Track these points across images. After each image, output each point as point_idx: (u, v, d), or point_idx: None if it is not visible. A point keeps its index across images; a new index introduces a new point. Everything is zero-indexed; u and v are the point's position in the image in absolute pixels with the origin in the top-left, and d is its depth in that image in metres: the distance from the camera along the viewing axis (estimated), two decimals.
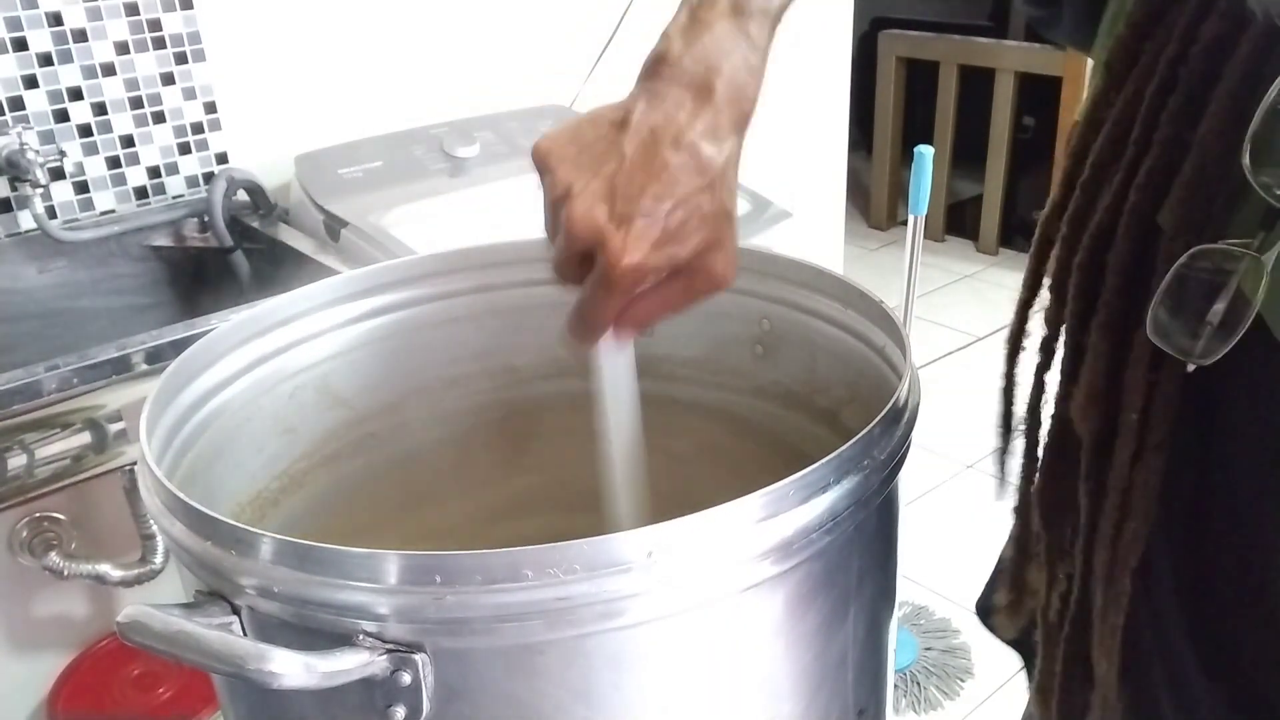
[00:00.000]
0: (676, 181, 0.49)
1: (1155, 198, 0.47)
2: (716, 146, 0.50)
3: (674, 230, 0.49)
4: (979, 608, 0.73)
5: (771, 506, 0.46)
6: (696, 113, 0.50)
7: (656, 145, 0.49)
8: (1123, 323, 0.50)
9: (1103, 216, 0.50)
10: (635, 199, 0.49)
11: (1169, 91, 0.47)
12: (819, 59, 2.14)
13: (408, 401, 0.78)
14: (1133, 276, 0.49)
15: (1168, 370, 0.48)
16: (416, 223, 1.28)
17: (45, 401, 0.93)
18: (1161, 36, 0.48)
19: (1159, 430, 0.49)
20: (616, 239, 0.49)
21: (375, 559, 0.44)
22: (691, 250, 0.50)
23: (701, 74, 0.50)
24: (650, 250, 0.49)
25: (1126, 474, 0.50)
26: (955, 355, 2.75)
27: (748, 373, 0.76)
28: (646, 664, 0.47)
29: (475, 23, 1.62)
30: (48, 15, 1.24)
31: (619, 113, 0.51)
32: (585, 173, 0.50)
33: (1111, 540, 0.52)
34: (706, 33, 0.51)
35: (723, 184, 0.51)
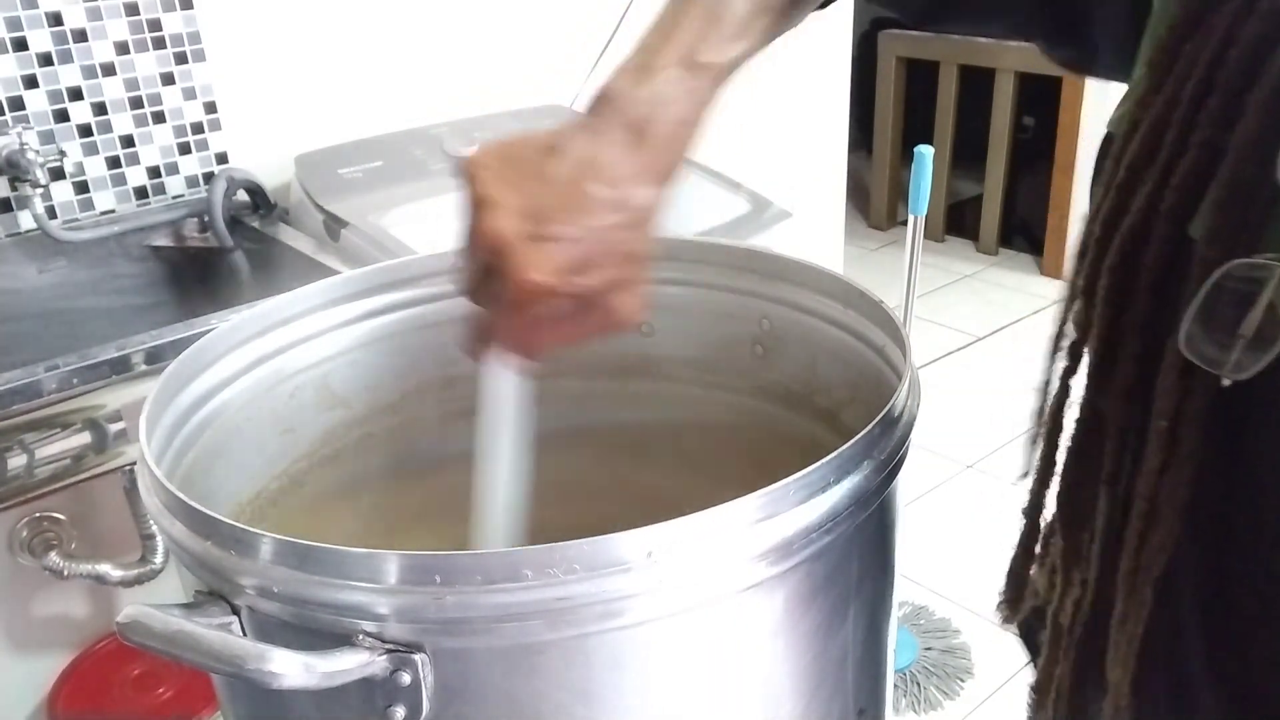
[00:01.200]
0: (595, 214, 0.50)
1: (1190, 201, 0.47)
2: (641, 189, 0.51)
3: (583, 260, 0.50)
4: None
5: (771, 506, 0.46)
6: (628, 153, 0.50)
7: (582, 176, 0.50)
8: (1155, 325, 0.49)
9: (1136, 218, 0.49)
10: (550, 221, 0.49)
11: (1207, 94, 0.46)
12: (819, 59, 2.14)
13: (407, 401, 0.78)
14: (1166, 280, 0.48)
15: (1200, 380, 0.47)
16: (416, 223, 1.28)
17: (45, 401, 0.93)
18: (1201, 38, 0.47)
19: (1189, 440, 0.48)
20: (521, 255, 0.49)
21: (375, 559, 0.44)
22: (599, 285, 0.51)
23: (639, 117, 0.51)
24: (555, 274, 0.49)
25: (1154, 483, 0.49)
26: (955, 355, 2.75)
27: (748, 373, 0.76)
28: (646, 664, 0.47)
29: (475, 23, 1.62)
30: (48, 15, 1.24)
31: (553, 138, 0.52)
32: (506, 188, 0.50)
33: (1136, 549, 0.51)
34: (653, 79, 0.51)
35: (642, 227, 0.51)
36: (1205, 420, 0.47)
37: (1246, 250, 0.44)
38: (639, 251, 0.52)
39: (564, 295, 0.51)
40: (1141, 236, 0.48)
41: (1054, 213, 3.14)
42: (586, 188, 0.50)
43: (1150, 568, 0.50)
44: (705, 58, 0.52)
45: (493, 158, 0.52)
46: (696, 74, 0.52)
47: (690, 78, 0.52)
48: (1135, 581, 0.51)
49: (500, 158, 0.52)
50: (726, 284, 0.75)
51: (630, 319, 0.53)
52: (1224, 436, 0.49)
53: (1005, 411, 2.41)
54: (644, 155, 0.51)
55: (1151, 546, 0.50)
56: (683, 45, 0.52)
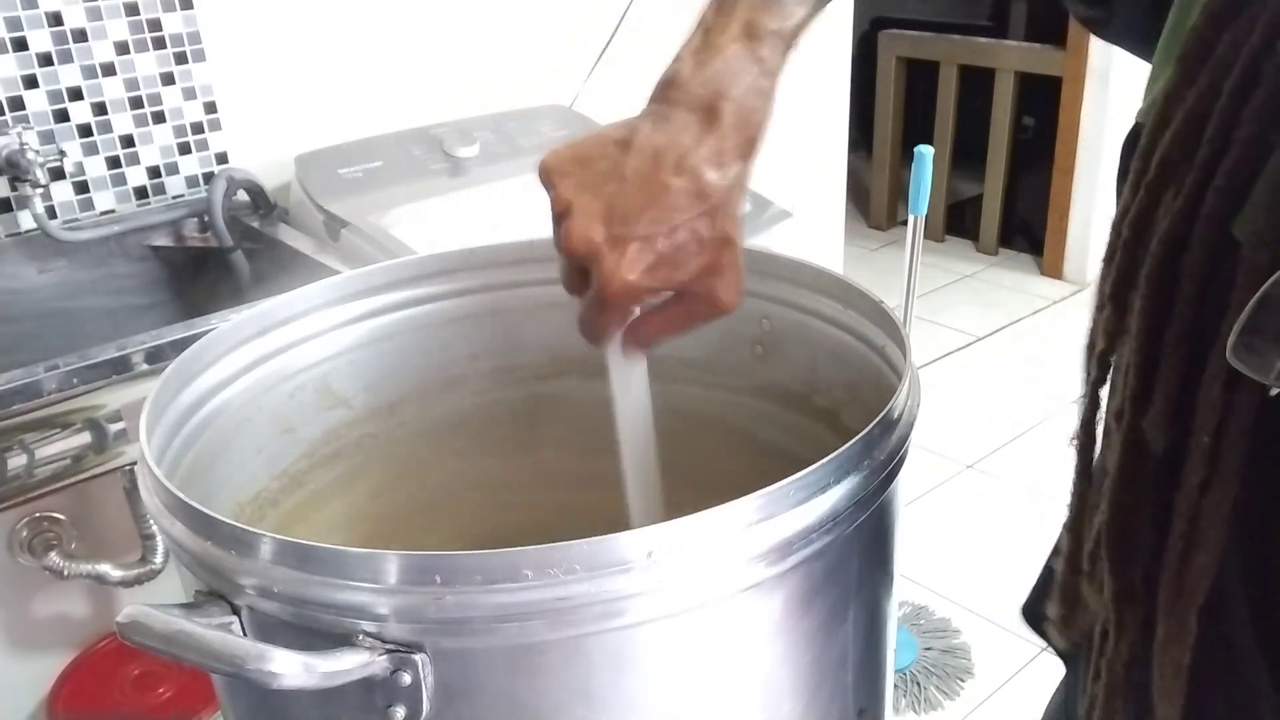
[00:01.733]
0: (676, 206, 0.49)
1: (1235, 202, 0.44)
2: (720, 172, 0.50)
3: (670, 254, 0.49)
4: (1026, 612, 0.70)
5: (771, 507, 0.46)
6: (701, 137, 0.49)
7: (658, 168, 0.49)
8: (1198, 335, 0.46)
9: (1174, 221, 0.46)
10: (632, 221, 0.49)
11: (1253, 86, 0.43)
12: (819, 59, 2.14)
13: (407, 401, 0.78)
14: (1208, 286, 0.45)
15: (1245, 391, 0.44)
16: (416, 223, 1.28)
17: (45, 401, 0.93)
18: (1244, 26, 0.44)
19: (1232, 455, 0.45)
20: (610, 260, 0.49)
21: (375, 559, 0.44)
22: (689, 275, 0.50)
23: (709, 98, 0.50)
24: (644, 273, 0.49)
25: (1195, 501, 0.46)
26: (955, 355, 2.75)
27: (748, 373, 0.76)
28: (647, 664, 0.47)
29: (475, 23, 1.62)
30: (48, 15, 1.24)
31: (624, 132, 0.51)
32: (585, 191, 0.50)
33: (1177, 573, 0.48)
34: (717, 56, 0.50)
35: (725, 210, 0.50)
36: (1249, 433, 0.45)
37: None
38: (729, 235, 0.51)
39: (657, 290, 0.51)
40: (1180, 240, 0.45)
41: (1054, 213, 3.14)
42: (665, 180, 0.49)
43: (1194, 593, 0.47)
44: (769, 26, 0.51)
45: (569, 160, 0.51)
46: (762, 44, 0.51)
47: (756, 48, 0.50)
48: (1177, 608, 0.48)
49: (576, 160, 0.51)
50: None
51: (727, 303, 0.52)
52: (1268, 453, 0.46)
53: (1005, 411, 2.41)
54: (717, 137, 0.50)
55: (1194, 570, 0.47)
56: (743, 17, 0.51)
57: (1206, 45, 0.45)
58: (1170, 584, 0.48)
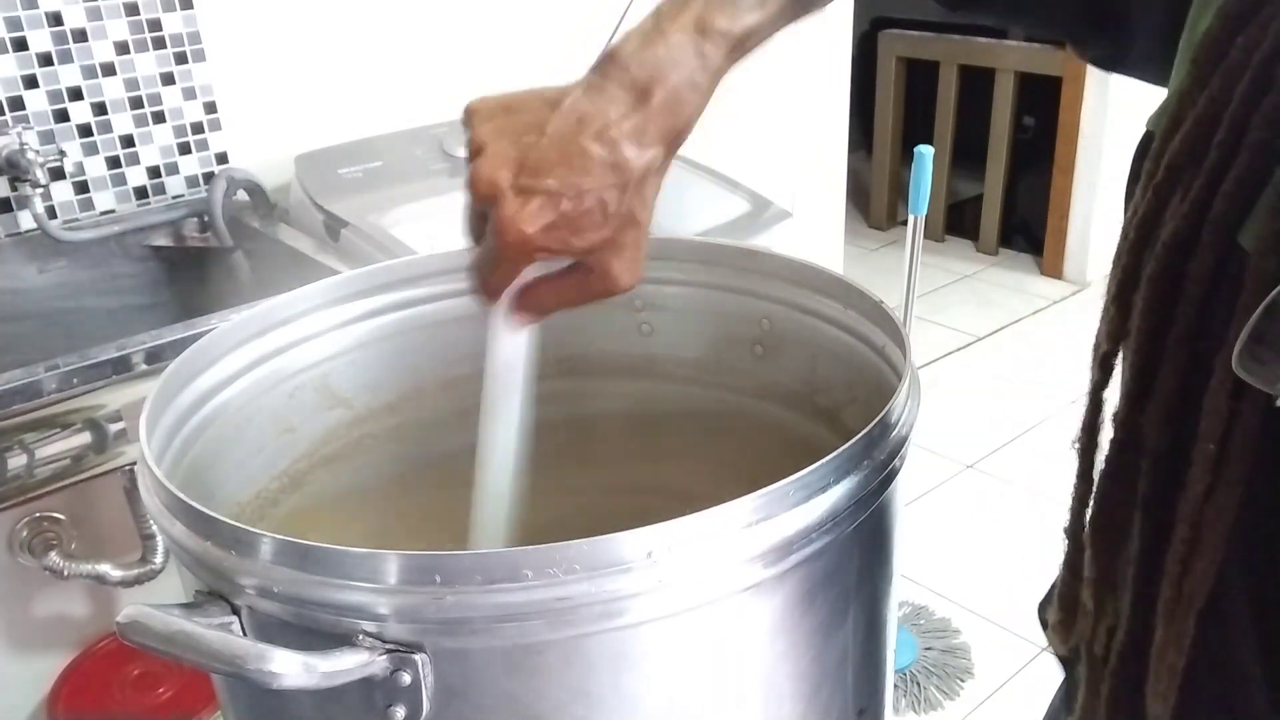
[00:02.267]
0: (588, 172, 0.49)
1: (1243, 208, 0.44)
2: (638, 150, 0.50)
3: (572, 218, 0.49)
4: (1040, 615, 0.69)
5: (771, 507, 0.46)
6: (628, 113, 0.50)
7: (579, 132, 0.49)
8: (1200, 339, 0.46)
9: (1180, 224, 0.45)
10: (542, 174, 0.49)
11: (1263, 92, 0.43)
12: (819, 59, 2.14)
13: (407, 401, 0.78)
14: (1214, 291, 0.45)
15: (1250, 401, 0.44)
16: (416, 223, 1.28)
17: (45, 401, 0.93)
18: (1257, 31, 0.43)
19: (1237, 464, 0.45)
20: (510, 206, 0.49)
21: (375, 559, 0.44)
22: (587, 244, 0.50)
23: (645, 78, 0.50)
24: (542, 229, 0.49)
25: (1198, 508, 0.46)
26: (955, 355, 2.75)
27: (748, 373, 0.76)
28: (646, 664, 0.47)
29: (475, 23, 1.62)
30: (48, 15, 1.24)
31: (555, 93, 0.52)
32: (503, 137, 0.50)
33: (1178, 578, 0.48)
34: (662, 42, 0.51)
35: (637, 188, 0.50)
36: (1254, 443, 0.44)
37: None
38: (634, 214, 0.51)
39: (547, 250, 0.50)
40: (1186, 245, 0.45)
41: (1054, 213, 3.14)
42: (583, 144, 0.49)
43: (1193, 597, 0.47)
44: (719, 24, 0.51)
45: (495, 107, 0.52)
46: (708, 40, 0.51)
47: (701, 42, 0.51)
48: (1176, 611, 0.48)
49: (502, 107, 0.52)
50: (726, 284, 0.75)
51: (623, 283, 0.52)
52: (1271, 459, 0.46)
53: (1005, 411, 2.41)
54: (645, 116, 0.50)
55: (1194, 575, 0.47)
56: (698, 10, 0.51)
57: (1219, 49, 0.45)
58: (1170, 588, 0.48)
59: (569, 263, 0.53)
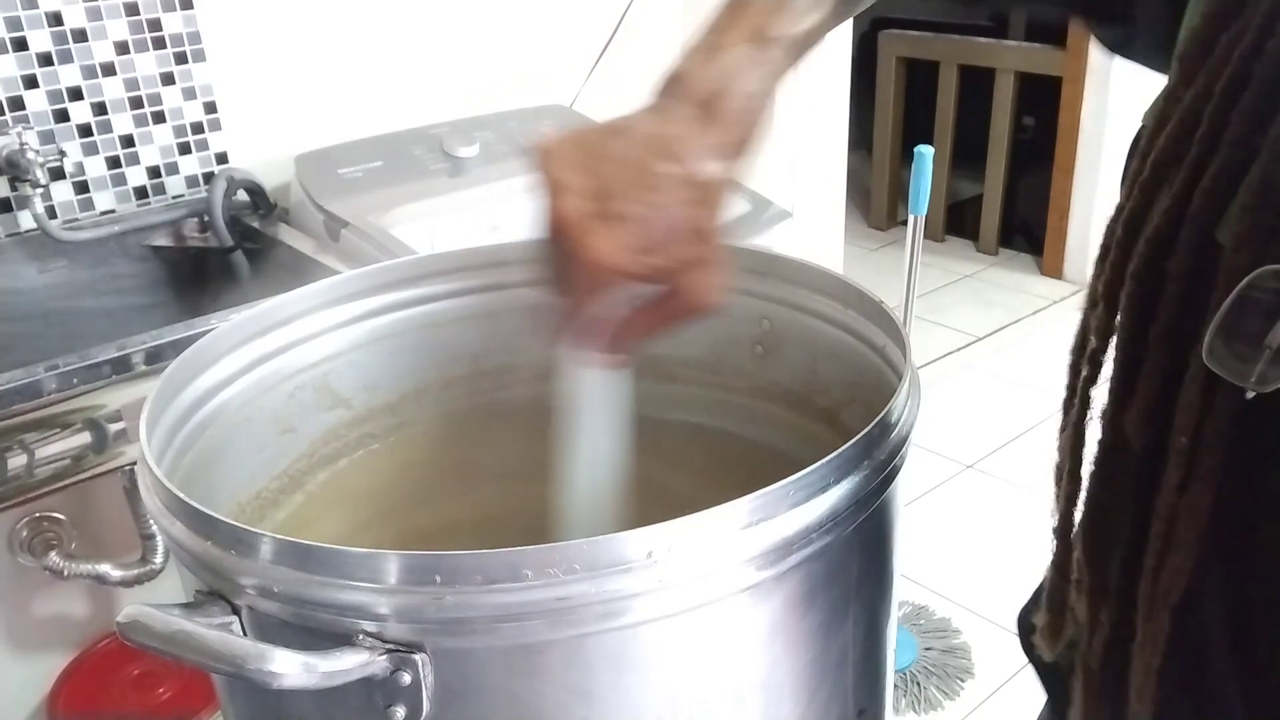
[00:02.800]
0: (663, 191, 0.48)
1: (1220, 204, 0.44)
2: (712, 164, 0.49)
3: (657, 240, 0.48)
4: (1020, 624, 0.68)
5: (771, 507, 0.46)
6: (697, 130, 0.49)
7: (651, 153, 0.49)
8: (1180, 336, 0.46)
9: (1161, 221, 0.46)
10: (619, 198, 0.48)
11: (1242, 89, 0.43)
12: (819, 59, 2.14)
13: (407, 401, 0.78)
14: (1193, 287, 0.45)
15: (1224, 394, 0.44)
16: (416, 223, 1.28)
17: (45, 401, 0.93)
18: (1238, 28, 0.44)
19: (1210, 458, 0.45)
20: (594, 237, 0.48)
21: (375, 559, 0.44)
22: (674, 264, 0.49)
23: (709, 94, 0.50)
24: (629, 255, 0.48)
25: (1173, 502, 0.46)
26: (955, 355, 2.75)
27: (748, 373, 0.76)
28: (646, 664, 0.47)
29: (475, 23, 1.62)
30: (48, 15, 1.24)
31: (622, 120, 0.51)
32: (574, 171, 0.49)
33: (1153, 573, 0.48)
34: (723, 56, 0.50)
35: (709, 202, 0.50)
36: (1227, 436, 0.45)
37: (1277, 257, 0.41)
38: (712, 229, 0.50)
39: (635, 275, 0.49)
40: (1167, 241, 0.45)
41: (1054, 213, 3.14)
42: (653, 165, 0.49)
43: (1168, 593, 0.47)
44: (776, 31, 0.51)
45: (562, 143, 0.51)
46: (767, 48, 0.51)
47: (760, 52, 0.51)
48: (1153, 607, 0.48)
49: (570, 143, 0.51)
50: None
51: (709, 301, 0.51)
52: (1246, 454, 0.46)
53: (1005, 411, 2.41)
54: (713, 131, 0.50)
55: (1169, 571, 0.47)
56: (753, 20, 0.51)
57: (1204, 46, 0.45)
58: (1147, 584, 0.48)
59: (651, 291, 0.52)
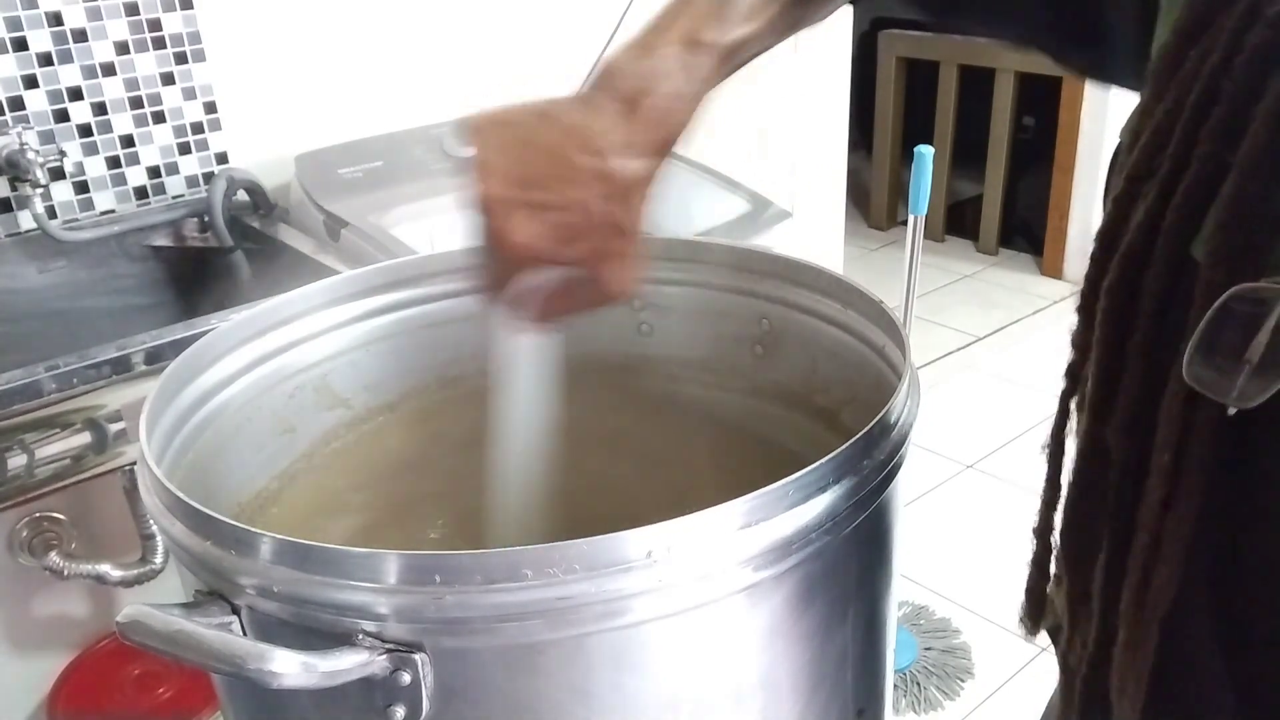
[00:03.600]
0: (576, 181, 0.50)
1: (1193, 219, 0.44)
2: (626, 160, 0.51)
3: (562, 227, 0.50)
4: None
5: (770, 507, 0.46)
6: (617, 125, 0.51)
7: (568, 144, 0.50)
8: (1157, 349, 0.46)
9: (1136, 236, 0.46)
10: (530, 187, 0.50)
11: (1212, 104, 0.43)
12: (819, 59, 2.14)
13: (407, 401, 0.78)
14: (1170, 301, 0.45)
15: (1204, 410, 0.44)
16: (416, 223, 1.28)
17: (45, 401, 0.93)
18: (1207, 43, 0.44)
19: (1193, 474, 0.45)
20: (500, 217, 0.50)
21: (375, 559, 0.44)
22: (577, 253, 0.51)
23: (634, 91, 0.51)
24: (536, 239, 0.50)
25: (1158, 516, 0.47)
26: (955, 355, 2.75)
27: (748, 373, 0.76)
28: (646, 664, 0.47)
29: (476, 23, 1.62)
30: (48, 15, 1.24)
31: (549, 106, 0.53)
32: (497, 153, 0.51)
33: (1138, 586, 0.48)
34: (652, 55, 0.52)
35: (626, 198, 0.51)
36: (1210, 451, 0.45)
37: (1252, 273, 0.42)
38: (627, 224, 0.52)
39: (549, 260, 0.51)
40: (1142, 256, 0.46)
41: (1054, 213, 3.14)
42: (573, 157, 0.50)
43: (1156, 606, 0.48)
44: (708, 37, 0.52)
45: (490, 121, 0.53)
46: (697, 52, 0.52)
47: (691, 54, 0.52)
48: (1139, 618, 0.48)
49: (497, 122, 0.53)
50: (726, 284, 0.75)
51: (619, 292, 0.53)
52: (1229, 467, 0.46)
53: (1005, 411, 2.41)
54: (635, 127, 0.51)
55: (1156, 584, 0.47)
56: (687, 25, 0.52)
57: (1175, 61, 0.45)
58: (1132, 595, 0.49)
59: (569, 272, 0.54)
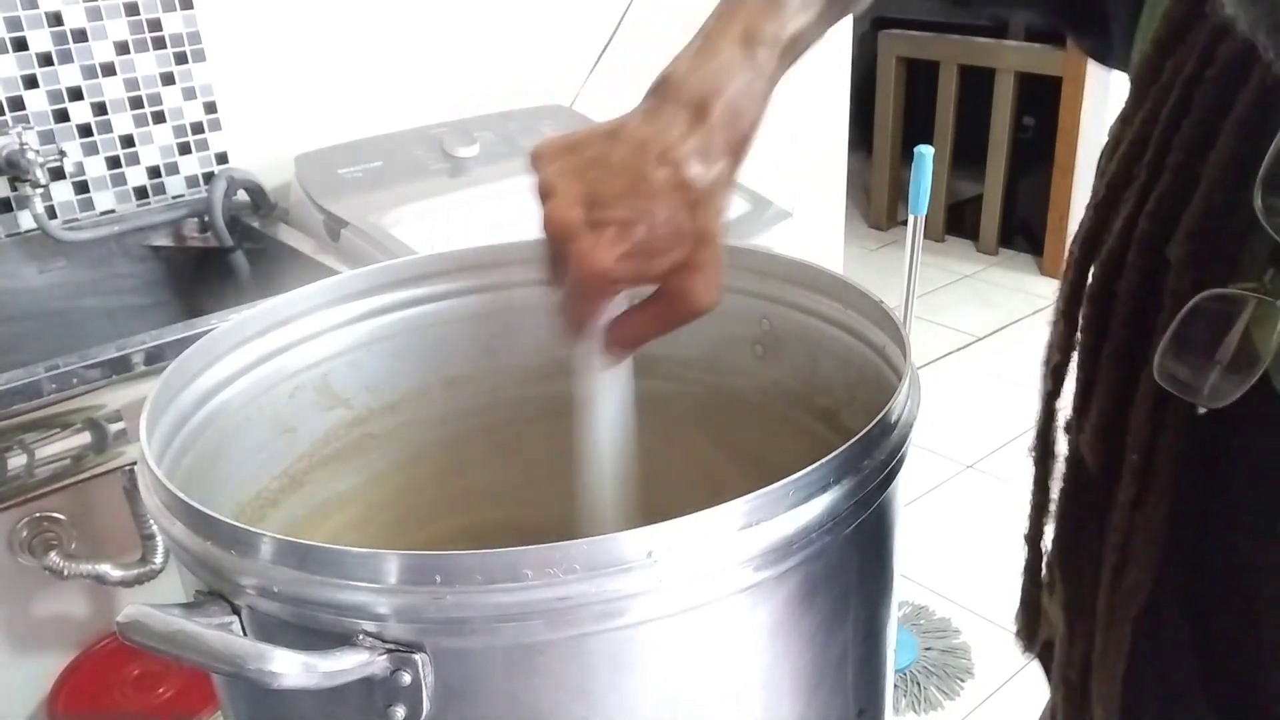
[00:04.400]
0: (656, 195, 0.49)
1: (1166, 227, 0.45)
2: (704, 166, 0.50)
3: (647, 243, 0.49)
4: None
5: (771, 507, 0.46)
6: (689, 132, 0.50)
7: (642, 157, 0.49)
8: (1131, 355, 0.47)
9: (1114, 242, 0.47)
10: (611, 205, 0.49)
11: (1184, 114, 0.44)
12: (819, 59, 2.14)
13: (407, 401, 0.78)
14: (1142, 307, 0.46)
15: (1173, 412, 0.45)
16: (416, 223, 1.28)
17: (45, 401, 0.93)
18: (1182, 54, 0.45)
19: (1162, 475, 0.46)
20: (585, 242, 0.49)
21: (375, 559, 0.44)
22: (666, 267, 0.50)
23: (701, 95, 0.50)
24: (619, 259, 0.49)
25: (1128, 517, 0.47)
26: (955, 355, 2.75)
27: (748, 373, 0.76)
28: (646, 664, 0.47)
29: (475, 23, 1.62)
30: (48, 15, 1.24)
31: (614, 124, 0.51)
32: (569, 175, 0.50)
33: (1110, 585, 0.49)
34: (713, 57, 0.51)
35: (706, 205, 0.50)
36: (1180, 453, 0.45)
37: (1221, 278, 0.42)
38: (707, 231, 0.50)
39: (626, 280, 0.50)
40: (1119, 262, 0.47)
41: (1054, 213, 3.14)
42: (649, 170, 0.49)
43: (1128, 606, 0.48)
44: (767, 31, 0.51)
45: (558, 148, 0.52)
46: (757, 49, 0.51)
47: (752, 51, 0.51)
48: (1113, 618, 0.49)
49: (565, 147, 0.52)
50: (727, 284, 0.74)
51: (703, 304, 0.52)
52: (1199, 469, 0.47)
53: (1005, 411, 2.41)
54: (706, 132, 0.50)
55: (1127, 584, 0.48)
56: (743, 22, 0.51)
57: (1153, 71, 0.46)
58: (1106, 596, 0.49)
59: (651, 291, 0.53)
